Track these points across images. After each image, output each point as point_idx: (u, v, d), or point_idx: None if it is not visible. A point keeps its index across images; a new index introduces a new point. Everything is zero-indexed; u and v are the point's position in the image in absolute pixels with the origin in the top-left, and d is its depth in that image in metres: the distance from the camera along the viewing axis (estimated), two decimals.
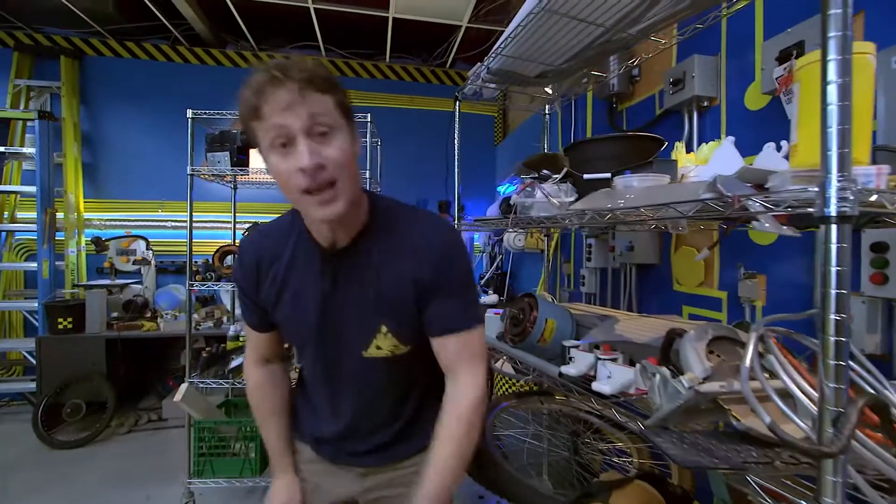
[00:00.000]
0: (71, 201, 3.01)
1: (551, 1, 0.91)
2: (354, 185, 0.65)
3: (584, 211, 0.85)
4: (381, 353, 0.73)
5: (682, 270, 1.47)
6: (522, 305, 1.07)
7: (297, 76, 0.58)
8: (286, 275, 0.73)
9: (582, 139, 1.20)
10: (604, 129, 2.01)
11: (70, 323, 2.56)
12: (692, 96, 1.33)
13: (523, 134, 3.26)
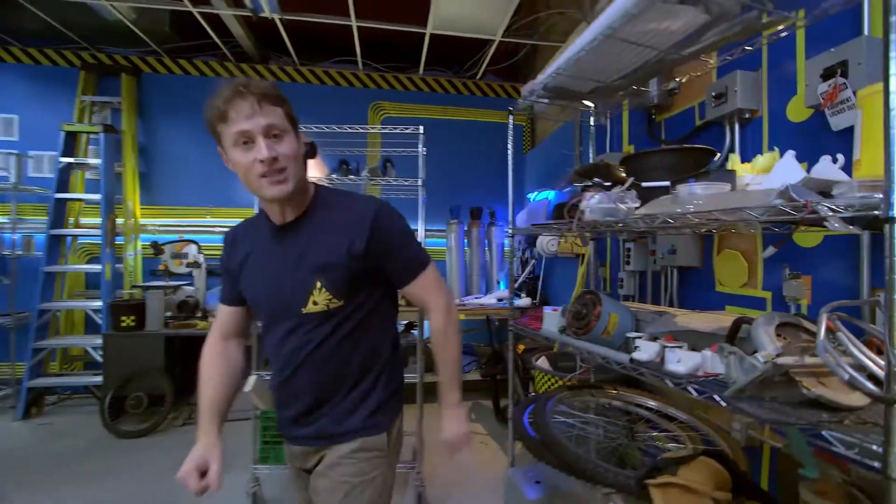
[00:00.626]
0: (129, 208, 3.23)
1: (616, 29, 1.03)
2: (300, 174, 0.83)
3: (655, 215, 0.95)
4: (317, 308, 0.85)
5: (724, 272, 1.56)
6: (585, 301, 1.18)
7: (256, 91, 0.76)
8: (248, 249, 0.91)
9: (640, 151, 1.30)
10: (640, 139, 2.11)
11: (133, 321, 2.75)
12: (735, 109, 1.43)
13: (553, 143, 3.38)
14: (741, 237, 1.49)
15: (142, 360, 2.72)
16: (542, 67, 3.60)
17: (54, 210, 2.94)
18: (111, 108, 3.34)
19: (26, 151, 3.17)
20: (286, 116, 0.81)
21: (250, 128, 0.76)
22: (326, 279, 0.84)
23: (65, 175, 3.02)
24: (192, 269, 3.16)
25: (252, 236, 0.93)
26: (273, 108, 0.78)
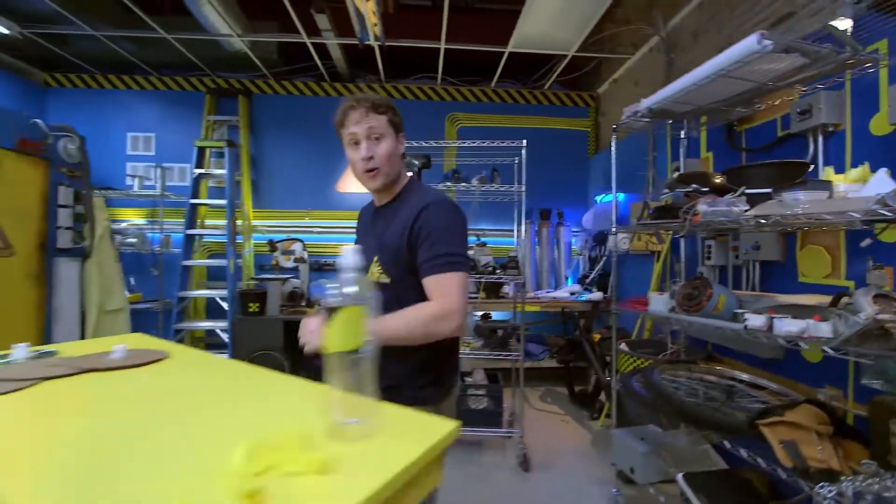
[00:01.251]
0: (245, 211, 3.76)
1: (729, 70, 1.31)
2: (392, 170, 1.01)
3: (769, 215, 1.23)
4: (372, 278, 1.01)
5: (807, 265, 1.79)
6: (696, 285, 1.47)
7: (365, 103, 0.96)
8: (362, 225, 1.17)
9: (743, 164, 1.55)
10: (719, 147, 2.34)
11: (258, 307, 3.24)
12: (819, 123, 1.66)
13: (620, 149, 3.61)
14: (825, 234, 1.71)
15: (265, 340, 3.20)
16: (606, 77, 3.86)
17: (189, 213, 3.49)
18: (228, 126, 3.89)
19: (161, 164, 3.75)
20: (389, 123, 0.99)
21: (357, 131, 0.96)
22: (382, 256, 1.00)
23: (196, 184, 3.57)
24: (299, 263, 3.63)
25: (366, 211, 1.19)
26: (378, 116, 0.97)
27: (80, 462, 0.43)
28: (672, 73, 2.93)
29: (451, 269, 0.92)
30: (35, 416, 0.57)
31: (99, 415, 0.58)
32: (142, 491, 0.38)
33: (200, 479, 0.40)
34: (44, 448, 0.47)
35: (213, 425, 0.54)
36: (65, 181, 2.49)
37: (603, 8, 2.79)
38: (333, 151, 3.94)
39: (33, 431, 0.52)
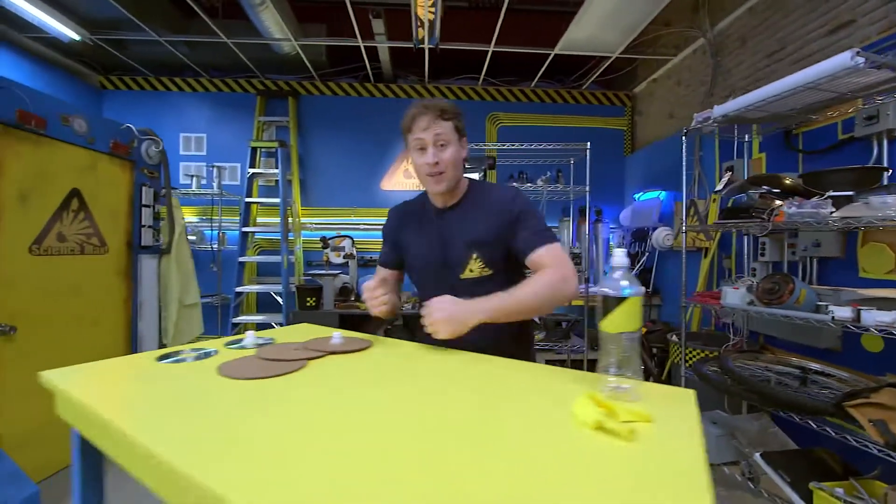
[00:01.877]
0: (295, 209, 3.89)
1: (819, 84, 1.43)
2: (457, 174, 1.05)
3: (859, 217, 1.35)
4: (472, 275, 1.06)
5: (869, 261, 1.90)
6: (776, 280, 1.59)
7: (432, 110, 1.00)
8: (415, 224, 1.14)
9: (821, 169, 1.66)
10: (774, 149, 2.45)
11: (314, 301, 3.38)
12: (885, 129, 1.77)
13: (657, 148, 3.72)
14: (887, 233, 1.83)
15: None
16: (643, 77, 3.96)
17: (244, 211, 3.63)
18: (276, 126, 4.02)
19: (213, 163, 3.89)
20: (454, 129, 1.03)
21: (424, 137, 1.00)
22: (480, 251, 1.04)
23: (250, 183, 3.70)
24: (348, 259, 3.77)
25: (417, 213, 1.16)
26: (444, 123, 1.00)
27: (410, 413, 0.56)
28: (718, 75, 3.04)
29: (554, 240, 1.01)
30: (339, 386, 0.71)
31: (381, 385, 0.71)
32: (499, 437, 0.51)
33: (556, 417, 0.54)
34: (374, 408, 0.60)
35: (483, 392, 0.67)
36: (147, 182, 2.63)
37: (655, 11, 2.88)
38: (377, 150, 4.07)
39: (352, 397, 0.65)
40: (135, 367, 0.80)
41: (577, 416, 0.54)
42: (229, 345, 0.96)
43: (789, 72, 2.44)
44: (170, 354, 0.86)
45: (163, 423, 0.54)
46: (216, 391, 0.66)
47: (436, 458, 0.45)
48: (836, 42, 2.18)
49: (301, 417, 0.57)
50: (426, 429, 0.53)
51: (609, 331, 0.62)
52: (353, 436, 0.51)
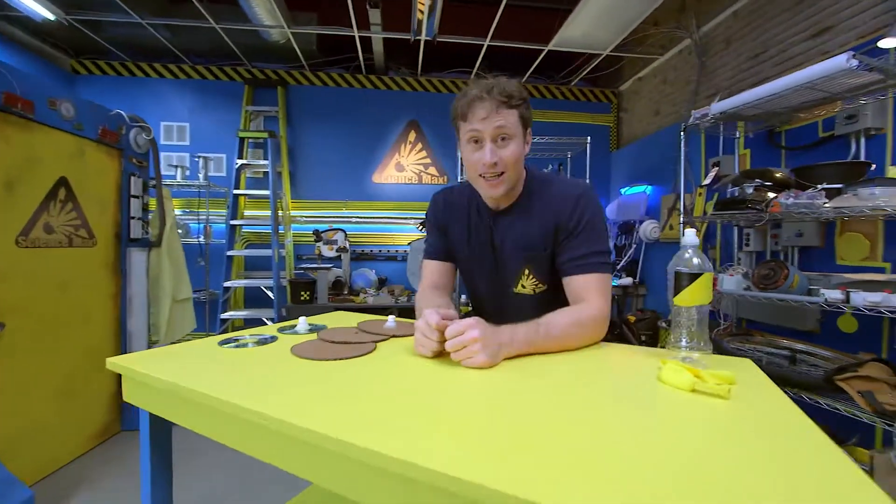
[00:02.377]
0: (285, 202, 3.81)
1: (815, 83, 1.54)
2: (516, 175, 0.88)
3: (853, 207, 1.47)
4: (525, 291, 0.93)
5: (846, 249, 2.07)
6: (771, 267, 1.71)
7: (496, 96, 0.81)
8: (464, 220, 0.98)
9: (812, 164, 1.79)
10: (758, 145, 2.60)
11: (308, 295, 3.33)
12: (864, 127, 1.93)
13: (643, 144, 3.87)
14: (862, 222, 1.99)
15: None
16: (628, 75, 4.09)
17: (232, 204, 3.52)
18: (264, 116, 3.90)
19: (197, 154, 3.74)
20: (520, 120, 0.85)
21: (481, 129, 0.82)
22: (533, 265, 0.91)
23: (238, 174, 3.59)
24: (341, 253, 3.73)
25: (465, 209, 0.99)
26: (510, 112, 0.82)
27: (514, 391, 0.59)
28: (703, 75, 3.18)
29: (608, 268, 0.87)
30: (422, 366, 0.72)
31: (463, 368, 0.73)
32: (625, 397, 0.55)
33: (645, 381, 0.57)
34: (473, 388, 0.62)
35: (571, 375, 0.69)
36: (135, 171, 2.51)
37: (648, 11, 2.99)
38: (368, 142, 4.03)
39: (445, 379, 0.66)
40: (206, 352, 0.78)
41: (670, 381, 0.58)
42: (283, 330, 0.95)
43: (772, 73, 2.61)
44: (229, 340, 0.85)
45: (314, 408, 0.51)
46: (319, 372, 0.66)
47: (592, 440, 0.47)
48: (816, 46, 2.34)
49: (474, 397, 0.57)
50: (563, 412, 0.53)
51: (684, 304, 0.67)
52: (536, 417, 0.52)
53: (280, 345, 0.82)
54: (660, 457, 0.40)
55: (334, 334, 0.86)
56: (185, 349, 0.79)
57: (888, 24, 1.98)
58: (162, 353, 0.76)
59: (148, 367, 0.67)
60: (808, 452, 0.40)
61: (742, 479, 0.36)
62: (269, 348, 0.79)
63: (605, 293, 0.85)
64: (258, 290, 3.70)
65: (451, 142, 4.10)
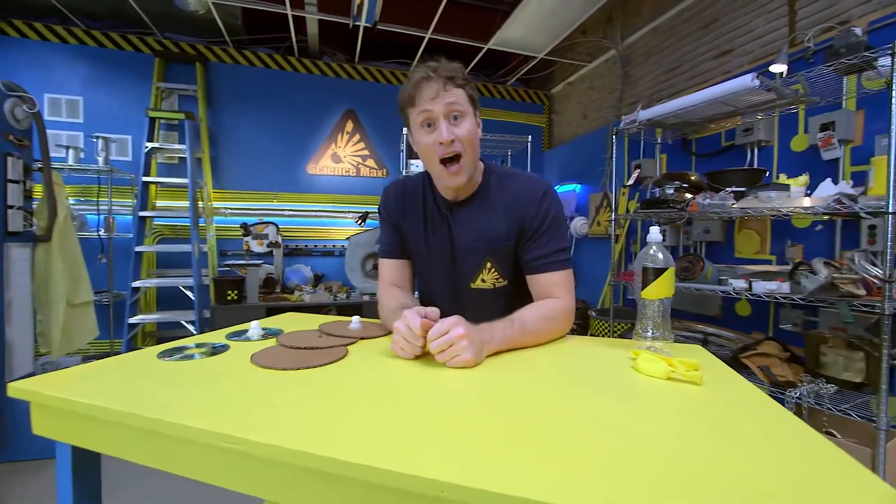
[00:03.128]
0: (207, 192, 3.44)
1: (725, 98, 1.75)
2: (474, 158, 0.86)
3: (758, 208, 1.69)
4: (485, 286, 0.91)
5: (742, 244, 2.40)
6: (690, 260, 1.92)
7: (442, 74, 0.80)
8: (419, 214, 0.95)
9: (722, 169, 2.03)
10: (673, 151, 2.90)
11: (236, 294, 3.06)
12: (757, 139, 2.24)
13: (574, 146, 4.12)
14: (755, 221, 2.32)
15: None
16: (559, 79, 4.31)
17: (142, 193, 3.10)
18: (178, 94, 3.48)
19: (92, 134, 3.23)
20: (468, 99, 0.83)
21: (432, 108, 0.80)
22: (494, 259, 0.89)
23: (148, 159, 3.16)
24: (273, 248, 3.48)
25: (420, 202, 0.95)
26: (457, 90, 0.81)
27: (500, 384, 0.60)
28: (627, 84, 3.47)
29: (568, 265, 0.88)
30: (417, 369, 0.68)
31: (447, 370, 0.69)
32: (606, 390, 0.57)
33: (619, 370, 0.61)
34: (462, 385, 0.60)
35: (544, 368, 0.70)
36: (14, 152, 2.09)
37: (581, 19, 3.17)
38: (301, 131, 3.79)
39: (443, 378, 0.62)
40: (143, 366, 0.67)
41: (645, 370, 0.62)
42: (232, 336, 0.85)
43: (685, 86, 2.93)
44: (171, 351, 0.74)
45: (297, 426, 0.46)
46: (290, 383, 0.59)
47: (582, 433, 0.48)
48: (720, 66, 2.67)
49: (444, 399, 0.55)
50: (549, 407, 0.54)
51: (651, 297, 0.72)
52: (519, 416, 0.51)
53: (234, 354, 0.73)
54: (650, 445, 0.42)
55: (296, 339, 0.79)
56: (117, 365, 0.67)
57: (776, 51, 2.33)
58: (87, 372, 0.63)
59: (72, 391, 0.56)
60: (781, 429, 0.45)
61: (730, 460, 0.39)
62: (221, 359, 0.70)
63: (571, 289, 0.88)
64: (175, 291, 3.31)
65: (391, 134, 4.01)
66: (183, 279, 3.20)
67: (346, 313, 3.54)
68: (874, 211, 1.33)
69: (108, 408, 0.51)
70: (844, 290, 1.41)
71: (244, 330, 0.89)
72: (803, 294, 1.48)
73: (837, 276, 1.43)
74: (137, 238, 3.09)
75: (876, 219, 1.69)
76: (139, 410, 0.50)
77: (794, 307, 2.08)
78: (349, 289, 3.57)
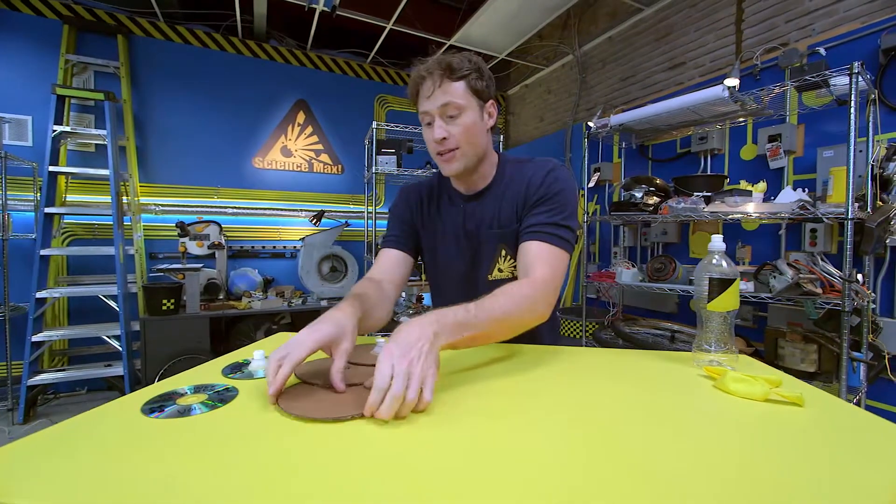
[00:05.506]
0: (134, 186, 2.98)
1: (694, 107, 1.83)
2: (475, 150, 0.83)
3: (728, 212, 1.79)
4: (502, 275, 0.88)
5: (697, 245, 2.57)
6: (663, 261, 2.00)
7: (436, 70, 0.77)
8: (436, 209, 0.95)
9: (688, 174, 2.14)
10: (630, 156, 3.04)
11: (172, 304, 2.68)
12: (710, 148, 2.41)
13: (532, 147, 4.19)
14: (708, 224, 2.50)
15: (186, 342, 2.70)
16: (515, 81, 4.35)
17: (48, 186, 2.59)
18: (95, 71, 2.97)
19: None
20: (469, 91, 0.79)
21: (429, 108, 0.79)
22: (507, 245, 0.87)
23: (55, 146, 2.66)
24: (216, 250, 3.11)
25: (436, 199, 0.96)
26: (453, 84, 0.78)
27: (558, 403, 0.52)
28: (583, 89, 3.58)
29: (563, 245, 0.78)
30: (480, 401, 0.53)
31: (516, 394, 0.58)
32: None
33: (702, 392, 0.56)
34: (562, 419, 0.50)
35: (609, 386, 0.63)
36: None
37: (543, 23, 3.20)
38: (247, 121, 3.44)
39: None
40: (126, 430, 0.48)
41: (736, 391, 0.58)
42: (231, 373, 0.68)
43: (639, 95, 3.07)
44: (160, 402, 0.55)
45: None
46: (348, 441, 0.46)
47: (695, 471, 0.42)
48: (673, 77, 2.84)
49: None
50: (641, 440, 0.48)
51: (718, 310, 0.68)
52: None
53: (247, 400, 0.57)
54: (797, 486, 0.37)
55: (320, 371, 0.65)
56: (84, 429, 0.48)
57: (726, 65, 2.52)
58: (43, 444, 0.45)
59: (26, 481, 0.38)
60: None
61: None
62: (233, 409, 0.54)
63: (554, 266, 0.76)
64: (93, 301, 2.83)
65: (347, 127, 3.79)
66: (103, 287, 2.74)
67: (302, 320, 3.28)
68: (835, 217, 1.46)
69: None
70: (807, 288, 1.54)
71: (242, 362, 0.72)
72: (772, 293, 1.59)
73: (803, 277, 1.55)
74: (43, 239, 2.58)
75: (818, 224, 1.88)
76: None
77: (743, 304, 2.27)
78: (304, 293, 3.31)
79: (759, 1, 2.33)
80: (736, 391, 0.58)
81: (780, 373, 0.69)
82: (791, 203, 1.59)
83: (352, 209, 3.79)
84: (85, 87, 2.93)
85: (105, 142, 2.71)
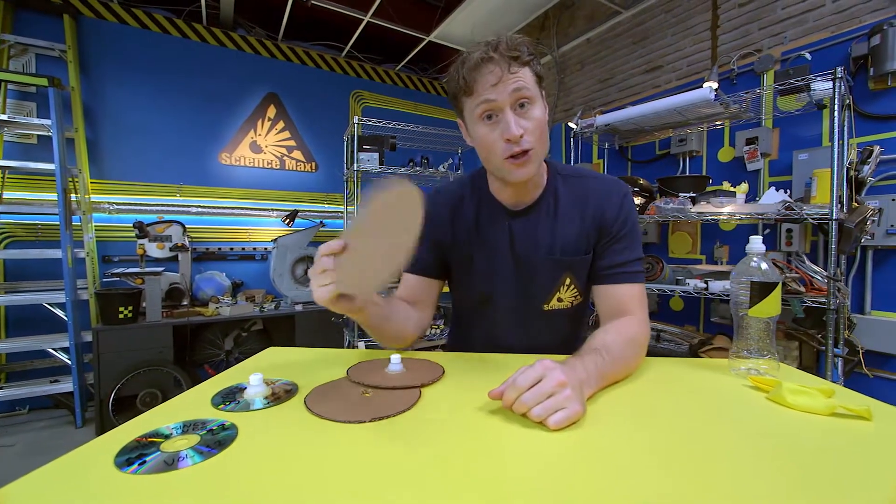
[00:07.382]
0: (84, 182, 2.71)
1: (681, 108, 1.85)
2: (543, 151, 0.71)
3: (715, 212, 1.81)
4: (561, 305, 0.79)
5: (676, 245, 2.62)
6: (650, 261, 2.01)
7: (505, 53, 0.64)
8: (475, 230, 0.80)
9: (674, 175, 2.16)
10: (611, 156, 3.07)
11: (130, 311, 2.46)
12: (689, 150, 2.46)
13: None
14: (687, 224, 2.55)
15: (146, 353, 2.48)
16: None
17: None
18: (37, 54, 2.67)
19: None
20: (535, 77, 0.68)
21: (496, 98, 0.65)
22: (574, 274, 0.78)
23: None
24: (178, 252, 2.89)
25: (474, 211, 0.81)
26: (522, 71, 0.66)
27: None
28: (561, 90, 3.60)
29: (644, 279, 0.79)
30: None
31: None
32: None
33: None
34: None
35: (651, 401, 0.58)
36: None
37: (522, 23, 3.18)
38: (211, 113, 3.22)
39: None
40: (96, 490, 0.38)
41: (795, 404, 0.54)
42: (226, 405, 0.57)
43: (617, 97, 3.11)
44: (137, 451, 0.44)
45: None
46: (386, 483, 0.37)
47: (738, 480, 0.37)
48: (650, 80, 2.89)
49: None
50: (712, 463, 0.43)
51: (760, 316, 0.65)
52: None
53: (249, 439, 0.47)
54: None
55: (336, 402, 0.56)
56: (34, 498, 0.37)
57: (702, 70, 2.58)
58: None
59: None
60: None
61: None
62: (234, 456, 0.44)
63: (646, 305, 0.77)
64: (36, 310, 2.54)
65: (320, 123, 3.62)
66: (48, 294, 2.47)
67: (275, 326, 3.10)
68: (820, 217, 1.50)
69: None
70: (792, 287, 1.58)
71: (234, 388, 0.61)
72: None
73: (788, 276, 1.59)
74: None
75: (794, 224, 1.95)
76: None
77: (721, 302, 2.33)
78: (277, 298, 3.13)
79: (734, 8, 2.40)
80: (795, 404, 0.54)
81: (827, 382, 0.66)
82: (776, 204, 1.62)
83: (327, 209, 3.63)
84: (23, 70, 2.63)
85: (49, 133, 2.44)
